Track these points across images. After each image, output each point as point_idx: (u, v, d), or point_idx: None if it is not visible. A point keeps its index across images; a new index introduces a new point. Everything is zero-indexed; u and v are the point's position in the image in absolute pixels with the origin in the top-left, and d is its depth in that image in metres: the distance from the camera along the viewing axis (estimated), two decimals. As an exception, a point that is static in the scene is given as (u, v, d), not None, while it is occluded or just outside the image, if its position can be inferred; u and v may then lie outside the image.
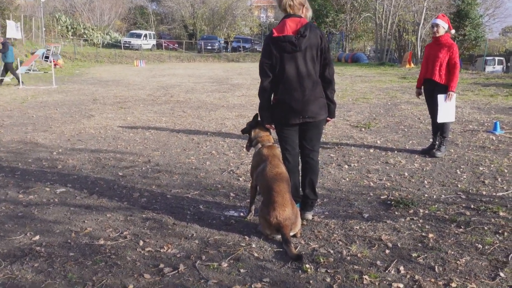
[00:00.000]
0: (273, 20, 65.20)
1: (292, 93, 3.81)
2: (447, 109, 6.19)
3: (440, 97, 6.16)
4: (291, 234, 3.65)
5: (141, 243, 3.67)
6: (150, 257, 3.43)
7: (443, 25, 6.19)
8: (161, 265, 3.29)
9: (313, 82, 3.83)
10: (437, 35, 6.23)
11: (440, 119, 6.24)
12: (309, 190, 4.14)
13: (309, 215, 4.15)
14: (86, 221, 4.13)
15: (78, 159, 6.36)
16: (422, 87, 6.62)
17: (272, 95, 3.95)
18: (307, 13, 3.88)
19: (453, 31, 6.30)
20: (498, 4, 55.58)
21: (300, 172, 4.17)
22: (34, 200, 4.71)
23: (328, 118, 4.08)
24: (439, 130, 6.43)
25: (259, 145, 4.05)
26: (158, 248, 3.58)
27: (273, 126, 4.03)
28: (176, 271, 3.21)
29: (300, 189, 4.20)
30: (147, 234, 3.85)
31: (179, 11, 55.51)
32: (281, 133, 4.00)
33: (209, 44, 48.56)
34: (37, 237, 3.77)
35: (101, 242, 3.69)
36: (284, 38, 3.71)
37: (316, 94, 3.86)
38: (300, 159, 4.14)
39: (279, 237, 3.64)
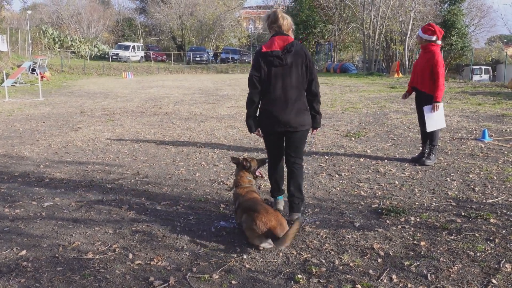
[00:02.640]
0: (261, 31, 65.44)
1: (276, 104, 4.07)
2: (435, 118, 6.20)
3: (426, 109, 6.22)
4: None
5: (131, 256, 3.61)
6: (140, 270, 3.37)
7: (421, 36, 6.27)
8: (151, 278, 3.23)
9: (296, 95, 4.09)
10: (419, 44, 6.43)
11: (429, 128, 6.27)
12: (294, 188, 4.28)
13: (296, 216, 4.27)
14: (74, 235, 4.07)
15: (66, 172, 6.28)
16: (414, 93, 6.67)
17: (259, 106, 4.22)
18: (292, 35, 4.19)
19: (439, 42, 6.26)
20: (483, 14, 56.45)
21: (287, 177, 4.37)
22: (21, 214, 4.63)
23: (314, 129, 4.33)
24: (428, 138, 6.45)
25: (235, 188, 4.40)
26: (148, 261, 3.52)
27: (260, 133, 4.29)
28: (167, 284, 3.16)
29: (287, 193, 4.37)
30: (136, 247, 3.79)
31: (167, 22, 55.56)
32: (267, 139, 4.31)
33: (198, 56, 48.64)
34: (24, 252, 3.70)
35: (90, 256, 3.63)
36: (272, 53, 4.02)
37: (299, 106, 4.10)
38: (286, 164, 4.36)
39: (268, 246, 3.63)
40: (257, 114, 4.24)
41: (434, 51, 6.17)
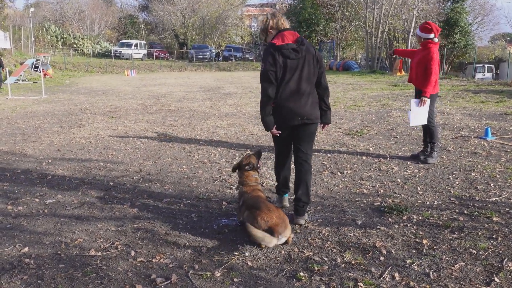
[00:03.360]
0: (264, 29, 65.28)
1: (293, 96, 4.06)
2: (419, 113, 6.24)
3: (413, 102, 6.27)
4: (283, 240, 3.64)
5: (133, 253, 3.62)
6: (142, 268, 3.38)
7: (420, 35, 6.31)
8: (153, 276, 3.24)
9: (310, 88, 4.13)
10: (418, 43, 6.46)
11: (412, 122, 6.34)
12: (302, 192, 4.24)
13: (301, 220, 4.23)
14: (76, 232, 4.07)
15: (68, 169, 6.29)
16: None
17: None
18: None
19: (436, 40, 6.25)
20: (486, 12, 56.24)
21: (295, 179, 4.34)
22: (23, 211, 4.64)
23: (325, 124, 4.41)
24: (428, 136, 6.47)
25: (240, 186, 4.36)
26: (150, 258, 3.52)
27: (276, 131, 4.18)
28: (169, 281, 3.17)
29: (294, 196, 4.32)
30: (138, 244, 3.79)
31: (169, 20, 55.53)
32: (277, 135, 4.22)
33: (200, 53, 48.60)
34: (26, 249, 3.71)
35: (92, 253, 3.63)
36: (287, 46, 4.00)
37: (313, 98, 4.18)
38: (294, 164, 4.34)
39: (270, 244, 3.63)
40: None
41: (431, 49, 6.20)
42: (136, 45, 47.21)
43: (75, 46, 47.29)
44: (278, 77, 4.04)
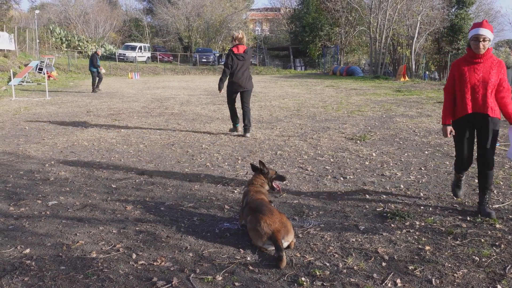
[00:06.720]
0: (268, 33, 65.50)
1: (239, 78, 8.61)
2: None
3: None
4: (285, 244, 3.62)
5: (134, 256, 3.61)
6: (143, 270, 3.37)
7: (491, 37, 4.30)
8: (154, 279, 3.23)
9: (248, 73, 8.76)
10: (482, 51, 4.32)
11: (510, 153, 4.71)
12: (247, 121, 8.92)
13: (247, 135, 8.93)
14: (78, 234, 4.07)
15: (71, 171, 6.30)
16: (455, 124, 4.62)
17: (227, 78, 8.75)
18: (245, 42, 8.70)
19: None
20: (491, 19, 56.11)
21: (242, 115, 8.95)
22: (25, 212, 4.64)
23: None
24: (487, 182, 4.56)
25: (247, 185, 4.54)
26: (151, 261, 3.52)
27: (223, 92, 9.00)
28: (170, 284, 3.16)
29: (243, 124, 9.05)
30: (140, 247, 3.79)
31: (174, 23, 55.67)
32: (231, 95, 8.88)
33: (204, 57, 48.67)
34: (28, 250, 3.71)
35: (93, 255, 3.63)
36: (238, 54, 8.50)
37: (249, 77, 8.78)
38: (242, 109, 8.92)
39: (272, 248, 3.62)
40: (226, 83, 8.69)
41: (499, 59, 4.47)
42: (140, 48, 47.29)
43: (79, 48, 47.44)
44: (232, 67, 8.48)
